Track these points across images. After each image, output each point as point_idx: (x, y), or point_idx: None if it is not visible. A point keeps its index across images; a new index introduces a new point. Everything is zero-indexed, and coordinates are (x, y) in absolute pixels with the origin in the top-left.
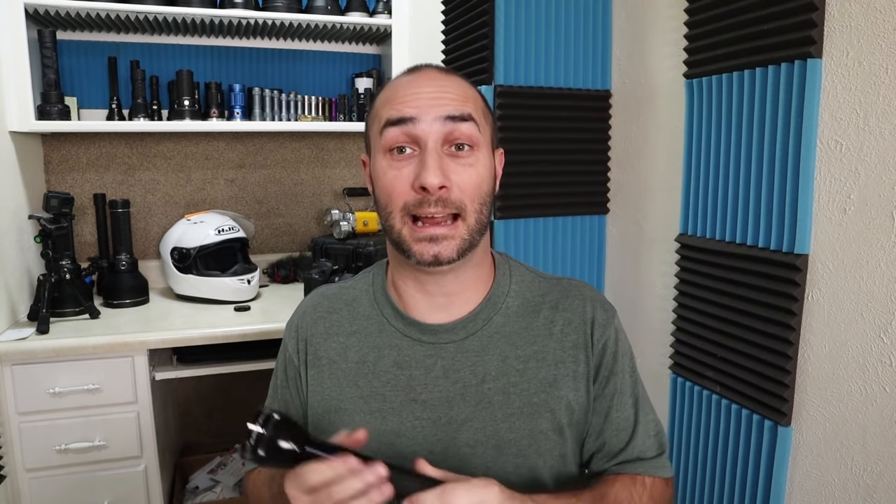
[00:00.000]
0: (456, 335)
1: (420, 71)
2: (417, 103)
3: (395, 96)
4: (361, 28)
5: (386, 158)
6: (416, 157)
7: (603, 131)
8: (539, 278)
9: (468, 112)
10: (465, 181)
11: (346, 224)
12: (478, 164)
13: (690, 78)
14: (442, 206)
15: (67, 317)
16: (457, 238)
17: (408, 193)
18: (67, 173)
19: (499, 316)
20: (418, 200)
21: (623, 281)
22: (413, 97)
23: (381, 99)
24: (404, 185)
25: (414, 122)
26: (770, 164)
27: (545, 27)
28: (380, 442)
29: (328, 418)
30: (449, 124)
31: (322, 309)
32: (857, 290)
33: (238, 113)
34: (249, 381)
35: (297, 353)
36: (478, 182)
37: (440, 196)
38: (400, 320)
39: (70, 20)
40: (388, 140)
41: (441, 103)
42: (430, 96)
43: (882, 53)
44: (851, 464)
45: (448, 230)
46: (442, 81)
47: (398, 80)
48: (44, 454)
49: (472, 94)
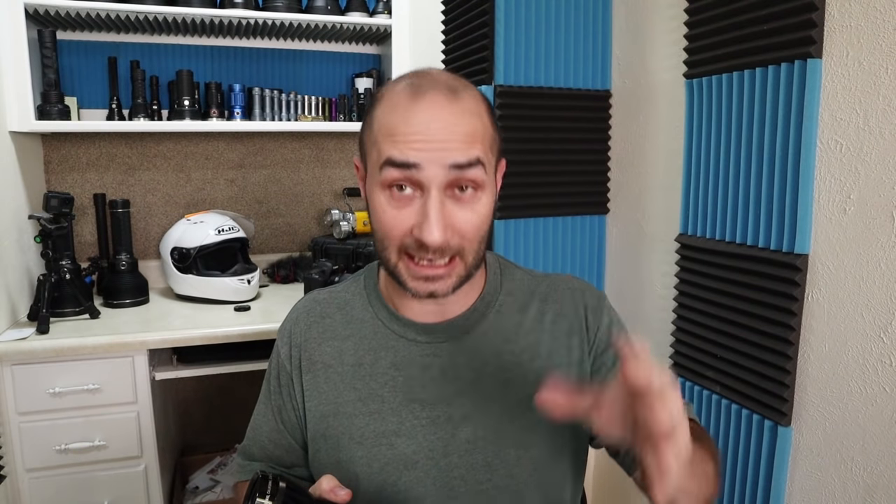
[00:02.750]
0: (452, 333)
1: (424, 95)
2: (422, 147)
3: (398, 130)
4: (361, 28)
5: (384, 194)
6: (417, 201)
7: (603, 131)
8: (528, 275)
9: (476, 157)
10: (466, 226)
11: (346, 224)
12: (480, 206)
13: (690, 78)
14: (441, 254)
15: (67, 317)
16: (453, 276)
17: (407, 237)
18: (67, 173)
19: (492, 313)
20: (416, 246)
21: (623, 281)
22: (418, 138)
23: (382, 121)
24: (404, 228)
25: (418, 169)
26: (770, 164)
27: (545, 27)
28: (379, 443)
29: (326, 422)
30: (455, 171)
31: (315, 314)
32: (857, 290)
33: (238, 113)
34: (249, 381)
35: (289, 359)
36: (479, 224)
37: (439, 248)
38: (395, 322)
39: (70, 20)
40: (387, 178)
41: (448, 148)
42: (438, 141)
43: (882, 53)
44: (851, 464)
45: (445, 270)
46: (450, 114)
47: (400, 100)
48: (44, 454)
49: (482, 124)
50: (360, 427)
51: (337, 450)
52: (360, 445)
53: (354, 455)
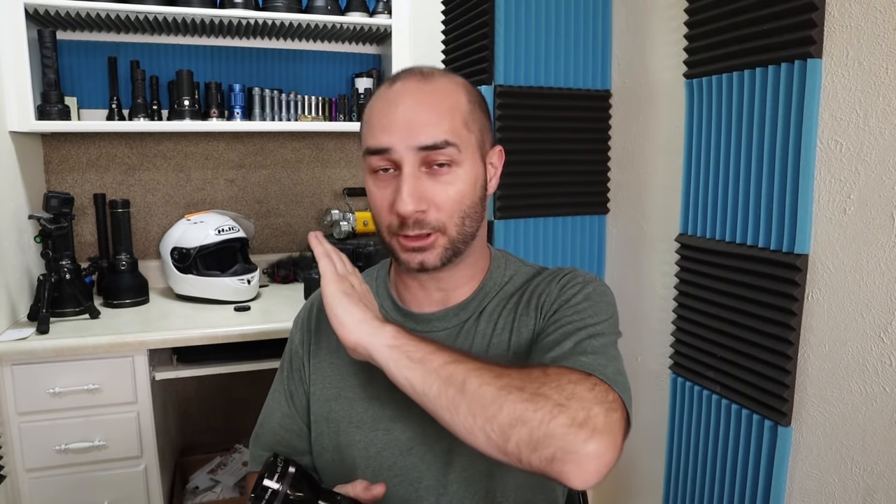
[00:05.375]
0: (448, 322)
1: (400, 82)
2: (391, 132)
3: (374, 121)
4: (361, 28)
5: (371, 178)
6: (396, 179)
7: (603, 131)
8: (532, 269)
9: (442, 140)
10: (443, 200)
11: (346, 224)
12: (457, 181)
13: (690, 78)
14: (419, 227)
15: (67, 317)
16: (438, 248)
17: (389, 216)
18: (67, 173)
19: (491, 304)
20: (398, 223)
21: (623, 281)
22: (388, 125)
23: (367, 115)
24: (386, 207)
25: (390, 152)
26: (770, 164)
27: (545, 27)
28: (376, 427)
29: (329, 406)
30: (423, 152)
31: None
32: (857, 290)
33: (238, 113)
34: (249, 381)
35: (301, 344)
36: (457, 199)
37: (417, 219)
38: (397, 312)
39: (70, 20)
40: (370, 165)
41: (413, 133)
42: (404, 124)
43: (882, 53)
44: (851, 464)
45: (429, 241)
46: (418, 101)
47: (379, 93)
48: (44, 454)
49: (450, 107)
50: (360, 412)
51: (337, 433)
52: (357, 429)
53: (353, 439)
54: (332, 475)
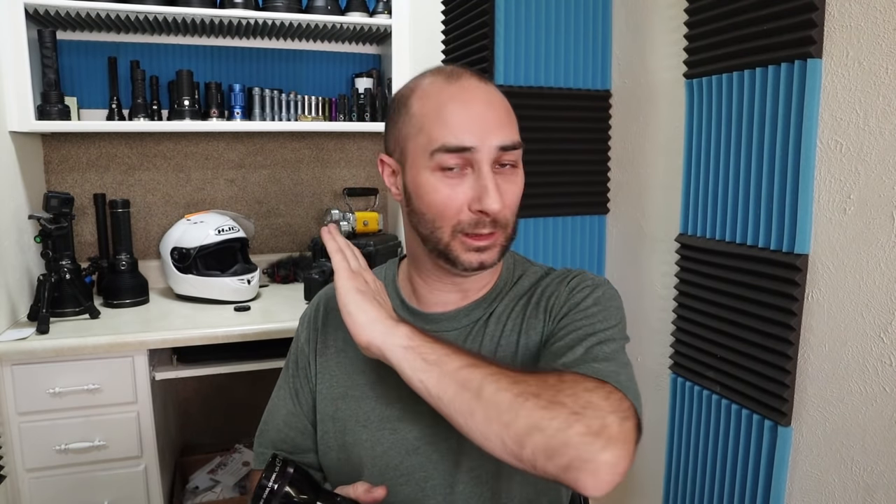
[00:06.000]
0: (458, 323)
1: (461, 82)
2: (475, 132)
3: (449, 119)
4: (361, 28)
5: (435, 175)
6: (469, 177)
7: (603, 131)
8: (541, 269)
9: (517, 140)
10: (512, 199)
11: (346, 224)
12: (519, 180)
13: (690, 78)
14: (493, 225)
15: (67, 317)
16: (498, 245)
17: (463, 213)
18: (67, 173)
19: (501, 305)
20: (474, 221)
21: (623, 281)
22: (469, 123)
23: (424, 111)
24: (459, 205)
25: (472, 151)
26: (770, 164)
27: (545, 27)
28: (383, 427)
29: (336, 405)
30: (501, 152)
31: (333, 302)
32: (857, 290)
33: (238, 113)
34: (249, 381)
35: (307, 342)
36: (518, 196)
37: (494, 217)
38: (405, 311)
39: (70, 20)
40: (440, 161)
41: (497, 133)
42: (488, 125)
43: (882, 53)
44: (851, 464)
45: (492, 240)
46: (488, 101)
47: (433, 88)
48: (44, 454)
49: (510, 110)
50: (367, 411)
51: (343, 433)
52: (364, 429)
53: (359, 438)
54: (338, 474)
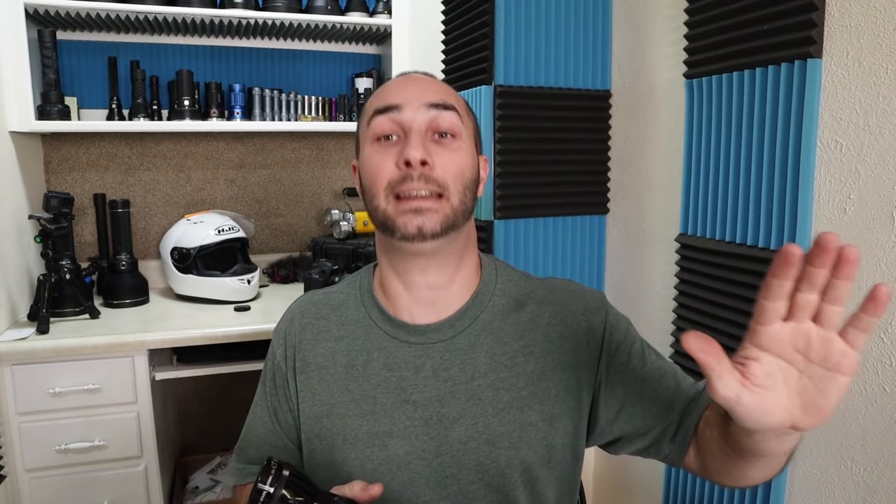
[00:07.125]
0: (444, 334)
1: (408, 74)
2: (403, 93)
3: (382, 92)
4: (361, 28)
5: (373, 146)
6: (402, 142)
7: (603, 131)
8: (525, 278)
9: (451, 103)
10: (448, 162)
11: (346, 224)
12: (461, 151)
13: (690, 78)
14: (424, 181)
15: (67, 317)
16: (440, 212)
17: (392, 172)
18: (67, 173)
19: (485, 314)
20: (402, 177)
21: (623, 281)
22: (399, 89)
23: (371, 98)
24: (389, 165)
25: (399, 110)
26: (770, 164)
27: (545, 27)
28: (372, 444)
29: (321, 423)
30: (433, 111)
31: (309, 315)
32: (857, 290)
33: (238, 113)
34: (249, 381)
35: (284, 360)
36: (461, 167)
37: (423, 172)
38: (387, 323)
39: (70, 20)
40: (375, 128)
41: (425, 94)
42: (415, 88)
43: (882, 53)
44: (851, 464)
45: (431, 204)
46: (428, 80)
47: (384, 84)
48: (44, 454)
49: (456, 96)
50: (354, 428)
51: (331, 451)
52: (353, 446)
53: (348, 456)
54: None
